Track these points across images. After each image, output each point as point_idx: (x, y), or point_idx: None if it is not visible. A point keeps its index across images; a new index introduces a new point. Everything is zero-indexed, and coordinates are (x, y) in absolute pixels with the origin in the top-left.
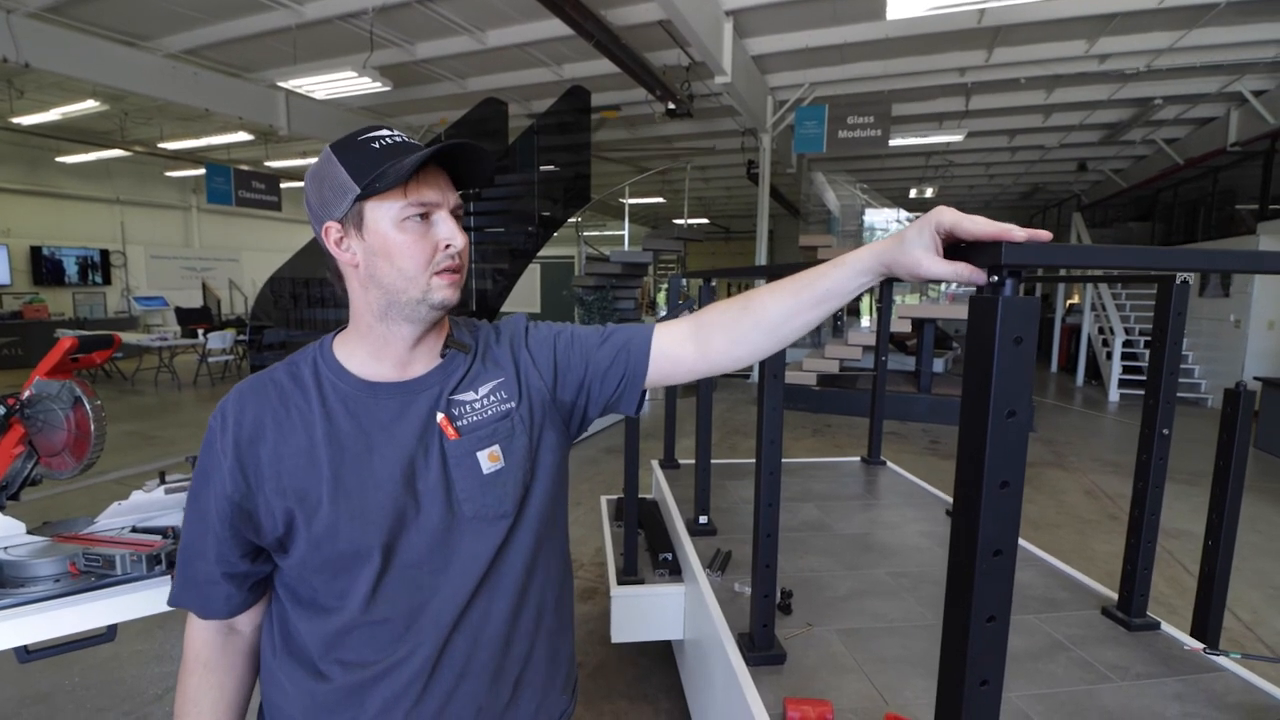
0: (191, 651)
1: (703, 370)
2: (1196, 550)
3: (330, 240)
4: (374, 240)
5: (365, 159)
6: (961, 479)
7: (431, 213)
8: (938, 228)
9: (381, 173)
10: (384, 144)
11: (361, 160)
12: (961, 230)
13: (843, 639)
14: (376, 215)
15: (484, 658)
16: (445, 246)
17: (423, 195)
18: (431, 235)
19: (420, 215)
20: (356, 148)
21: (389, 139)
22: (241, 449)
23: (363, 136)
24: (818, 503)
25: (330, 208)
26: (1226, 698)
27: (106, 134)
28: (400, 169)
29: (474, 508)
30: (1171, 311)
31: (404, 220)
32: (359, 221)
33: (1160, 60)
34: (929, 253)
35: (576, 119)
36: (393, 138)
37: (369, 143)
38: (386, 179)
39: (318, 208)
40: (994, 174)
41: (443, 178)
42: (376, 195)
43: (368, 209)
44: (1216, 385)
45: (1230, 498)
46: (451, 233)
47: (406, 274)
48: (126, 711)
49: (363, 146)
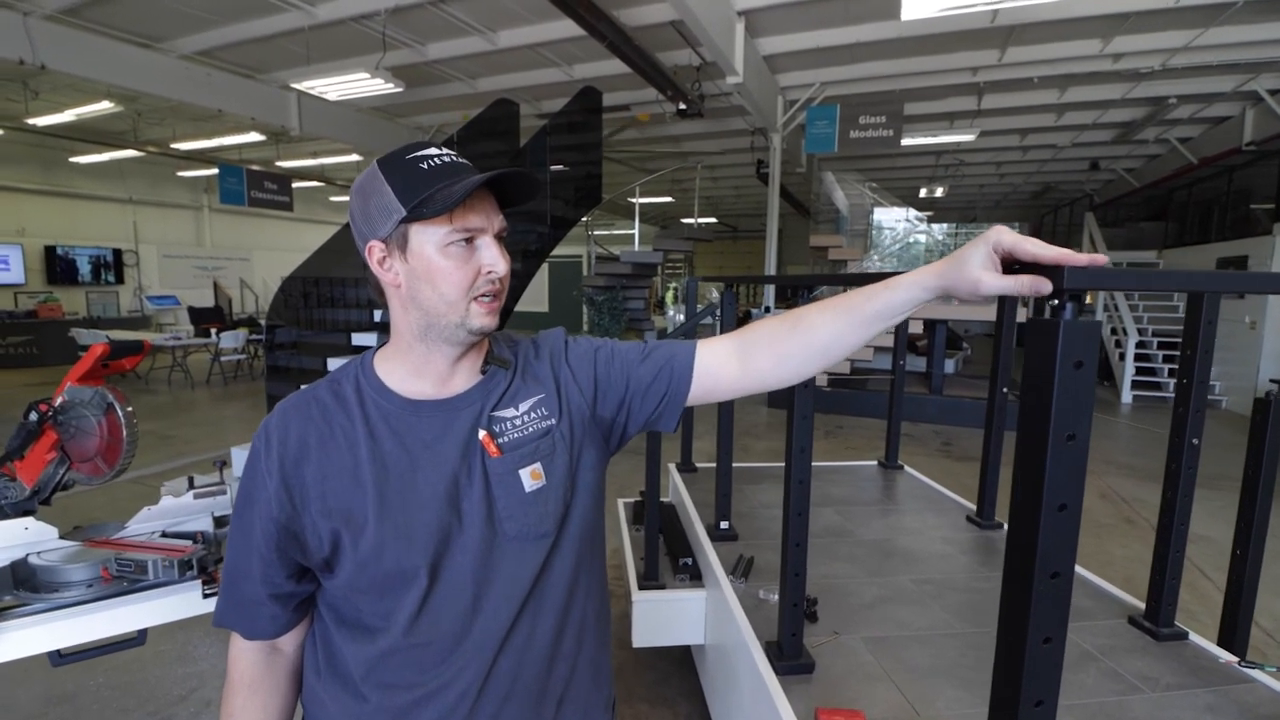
0: (236, 672)
1: (745, 389)
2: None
3: (373, 259)
4: (417, 263)
5: (413, 180)
6: (1019, 500)
7: (476, 238)
8: (996, 247)
9: (429, 197)
10: (432, 165)
11: (409, 181)
12: (1021, 251)
13: (870, 648)
14: (421, 239)
15: (528, 679)
16: (487, 272)
17: (468, 221)
18: (475, 261)
19: (465, 240)
20: (405, 168)
21: (438, 160)
22: (287, 470)
23: (411, 155)
24: (837, 508)
25: (375, 226)
26: (1259, 709)
27: (120, 134)
28: (449, 196)
29: (516, 527)
30: (1203, 320)
31: (448, 245)
32: (403, 243)
33: (1175, 59)
34: (989, 271)
35: (587, 119)
36: (441, 158)
37: (417, 162)
38: (434, 205)
39: (362, 224)
40: (1005, 173)
41: (489, 201)
42: (424, 220)
43: (412, 232)
44: (1230, 387)
45: (1260, 507)
46: (494, 259)
47: (447, 299)
48: (151, 712)
49: (411, 166)
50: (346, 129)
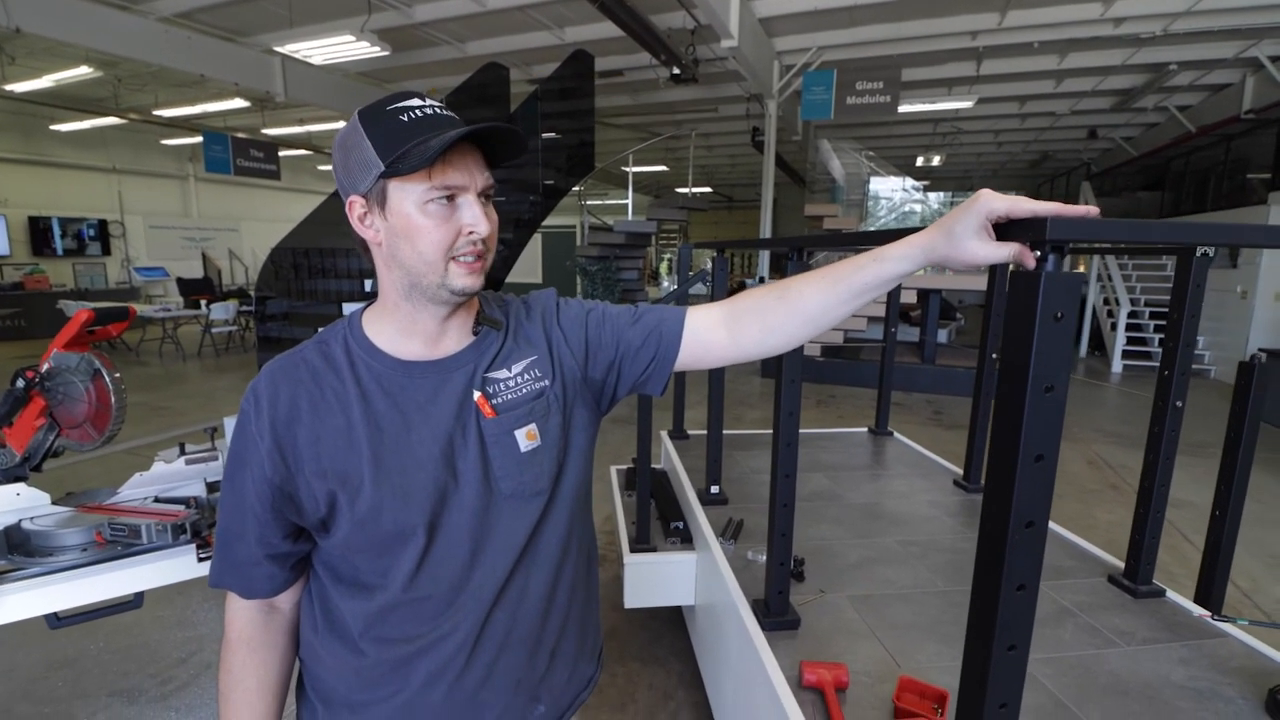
0: (234, 631)
1: (733, 357)
2: (1198, 520)
3: (354, 215)
4: (396, 221)
5: (393, 133)
6: (997, 450)
7: (457, 195)
8: (990, 215)
9: (405, 153)
10: (413, 117)
11: (389, 134)
12: (1019, 212)
13: (855, 605)
14: (400, 196)
15: (523, 631)
16: (468, 232)
17: (448, 178)
18: (455, 220)
19: (445, 198)
20: (385, 119)
21: (419, 111)
22: (279, 431)
23: (392, 106)
24: (827, 473)
25: (356, 181)
26: (1230, 662)
27: (101, 101)
28: (425, 152)
29: (511, 485)
30: (1191, 284)
31: (427, 203)
32: (382, 199)
33: (1177, 24)
34: (982, 241)
35: (579, 84)
36: (423, 109)
37: (398, 114)
38: (411, 160)
39: (344, 178)
40: (1003, 141)
41: (472, 158)
42: (401, 176)
43: (391, 188)
44: (1220, 357)
45: (1239, 470)
46: (476, 218)
47: (426, 258)
48: (151, 675)
49: (391, 118)
50: (333, 95)
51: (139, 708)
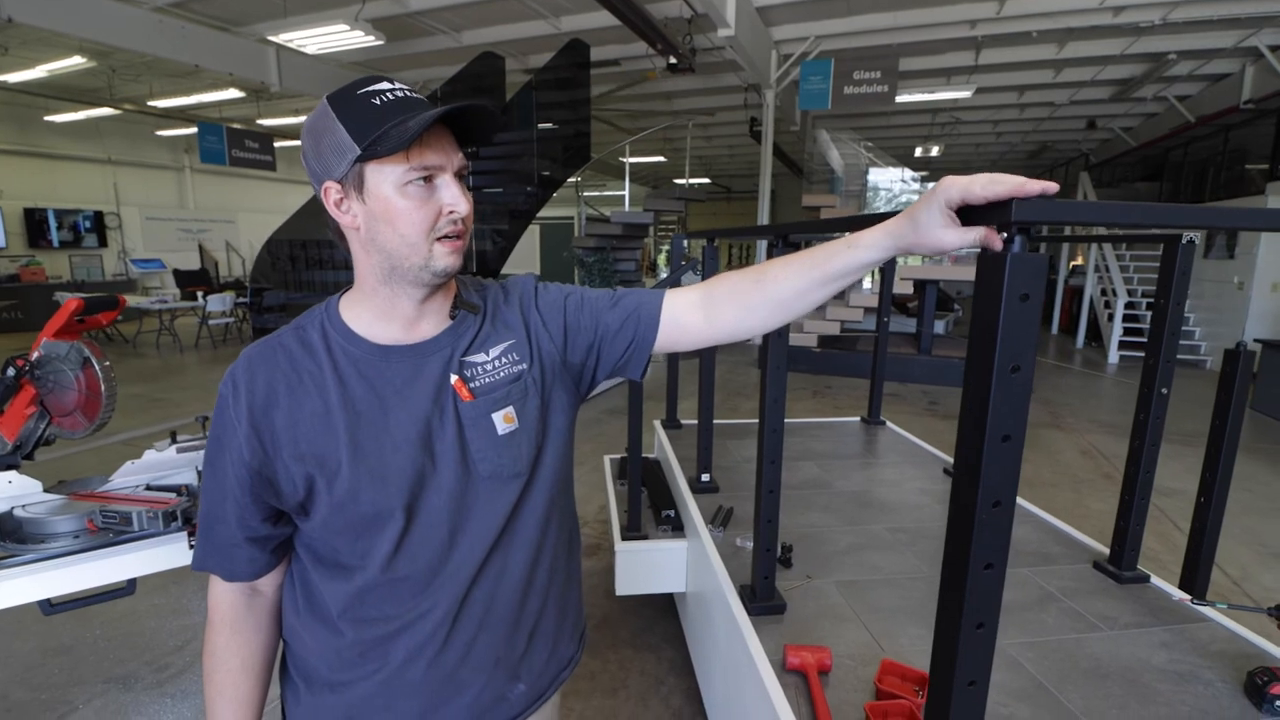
0: (217, 614)
1: (710, 339)
2: (1188, 508)
3: (330, 201)
4: (375, 204)
5: (366, 117)
6: (964, 431)
7: (435, 176)
8: (948, 203)
9: (383, 134)
10: (385, 100)
11: (362, 118)
12: (973, 197)
13: (841, 590)
14: (378, 179)
15: (501, 611)
16: (449, 212)
17: (426, 159)
18: (434, 200)
19: (423, 179)
20: (357, 104)
21: (390, 95)
22: (256, 415)
23: (363, 90)
24: (818, 461)
25: (330, 167)
26: (1211, 646)
27: (95, 92)
28: (404, 133)
29: (490, 467)
30: (1176, 271)
31: (406, 185)
32: (359, 184)
33: (1176, 13)
34: (947, 228)
35: (575, 74)
36: (395, 92)
37: (370, 98)
38: (389, 143)
39: (316, 165)
40: (1001, 132)
41: (447, 138)
42: (378, 159)
43: (368, 171)
44: (1216, 347)
45: (1225, 456)
46: (455, 198)
47: (408, 240)
48: (147, 662)
49: (363, 102)
50: (328, 85)
51: (135, 694)
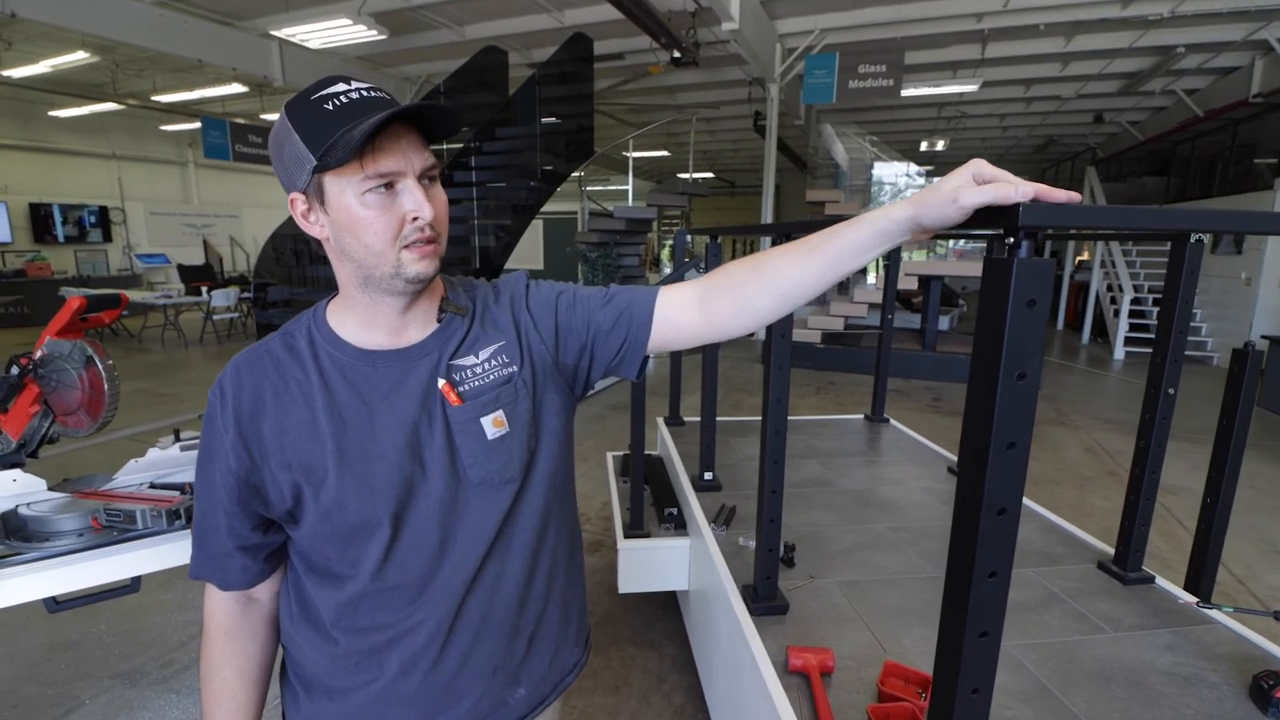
0: (212, 622)
1: (707, 337)
2: (1194, 507)
3: (297, 213)
4: (337, 214)
5: (319, 124)
6: (969, 437)
7: (396, 182)
8: (978, 177)
9: (332, 144)
10: (338, 105)
11: (315, 125)
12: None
13: (844, 591)
14: (336, 189)
15: (499, 619)
16: (412, 219)
17: (380, 166)
18: (397, 207)
19: (384, 186)
20: (309, 110)
21: (342, 97)
22: (243, 424)
23: (316, 95)
24: (821, 459)
25: (293, 178)
26: (1216, 649)
27: (99, 87)
28: (349, 142)
29: (480, 474)
30: (1184, 270)
31: (365, 194)
32: (320, 194)
33: (1185, 5)
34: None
35: (579, 68)
36: (348, 94)
37: (321, 103)
38: (338, 152)
39: (282, 176)
40: (1008, 126)
41: (407, 139)
42: (332, 169)
43: (328, 182)
44: (1223, 344)
45: (1232, 456)
46: (418, 203)
47: (373, 250)
48: (153, 657)
49: (315, 108)
50: None
51: (140, 690)
